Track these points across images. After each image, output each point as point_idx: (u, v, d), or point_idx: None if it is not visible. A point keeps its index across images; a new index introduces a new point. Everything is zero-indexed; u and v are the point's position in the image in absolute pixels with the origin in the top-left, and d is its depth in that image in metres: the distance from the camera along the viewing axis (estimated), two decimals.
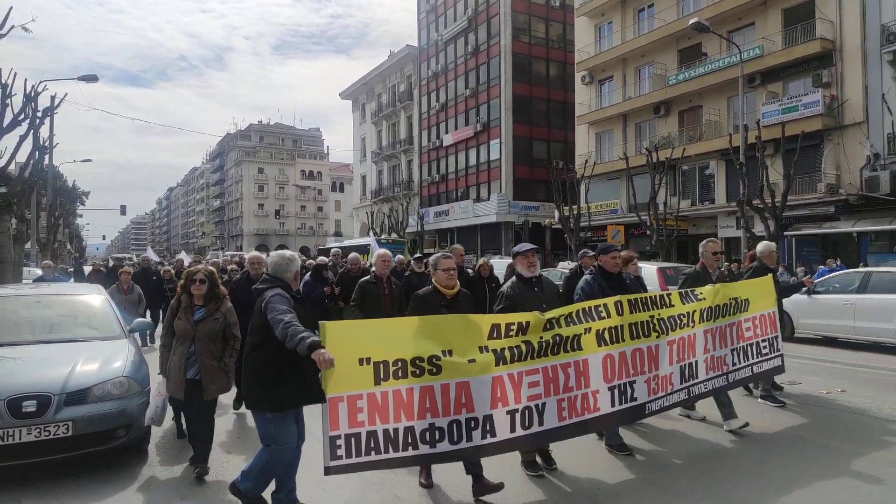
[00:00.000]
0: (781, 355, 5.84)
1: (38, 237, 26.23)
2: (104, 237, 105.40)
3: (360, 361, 3.41)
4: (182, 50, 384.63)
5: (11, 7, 12.70)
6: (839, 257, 19.23)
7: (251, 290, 5.80)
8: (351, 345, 3.41)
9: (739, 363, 5.35)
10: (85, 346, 5.11)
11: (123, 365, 4.82)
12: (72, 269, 21.67)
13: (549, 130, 39.05)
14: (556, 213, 30.17)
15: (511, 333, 3.90)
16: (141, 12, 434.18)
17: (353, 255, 9.68)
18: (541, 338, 3.98)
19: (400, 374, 3.49)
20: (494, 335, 3.85)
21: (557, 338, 4.05)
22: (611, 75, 31.80)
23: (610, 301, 4.45)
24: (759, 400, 6.67)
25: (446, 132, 43.12)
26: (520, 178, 37.96)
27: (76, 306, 6.08)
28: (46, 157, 21.69)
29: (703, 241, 6.35)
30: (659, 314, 4.67)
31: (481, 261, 8.56)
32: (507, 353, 3.83)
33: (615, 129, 31.45)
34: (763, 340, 5.61)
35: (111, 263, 17.63)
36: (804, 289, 10.00)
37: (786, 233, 21.14)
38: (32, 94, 15.21)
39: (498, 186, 38.15)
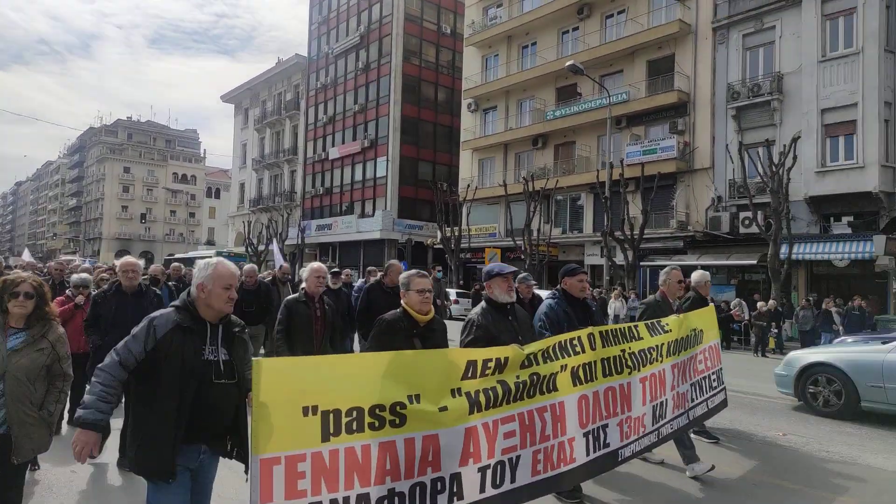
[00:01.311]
0: (724, 388, 5.50)
1: None
2: None
3: (305, 411, 2.61)
4: (43, 33, 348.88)
5: None
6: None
7: (118, 305, 5.21)
8: (294, 389, 2.62)
9: (697, 398, 4.92)
10: None
11: None
12: None
13: (435, 153, 39.94)
14: (439, 234, 30.85)
15: (487, 372, 3.23)
16: None
17: (250, 266, 9.07)
18: (517, 377, 3.35)
19: (355, 427, 2.72)
20: (470, 374, 3.16)
21: (535, 377, 3.42)
22: (495, 105, 33.26)
23: (584, 333, 3.85)
24: (693, 435, 6.03)
25: (333, 145, 42.70)
26: (405, 197, 38.39)
27: None
28: None
29: (666, 269, 5.92)
30: (630, 348, 4.16)
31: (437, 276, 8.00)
32: (481, 398, 3.15)
33: (497, 157, 32.85)
34: (713, 373, 5.26)
35: None
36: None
37: (641, 263, 23.16)
38: None
39: (383, 203, 38.30)
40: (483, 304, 3.91)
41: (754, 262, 20.75)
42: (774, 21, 22.45)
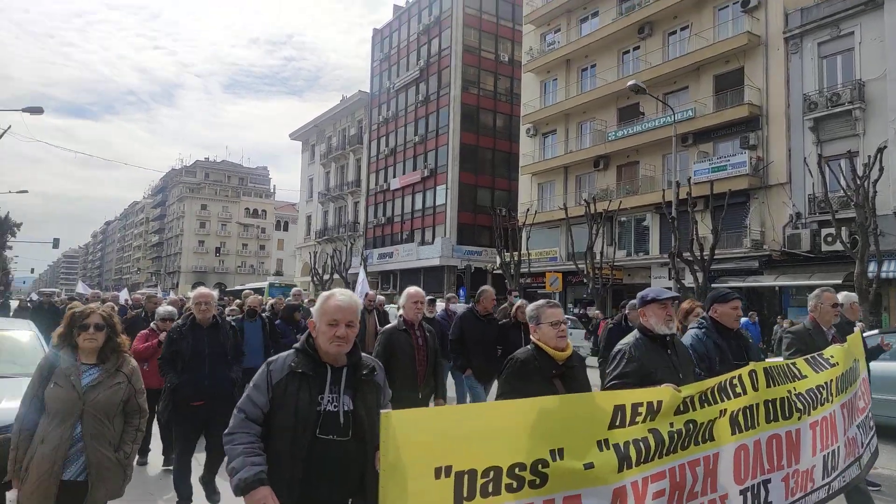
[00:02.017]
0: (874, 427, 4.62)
1: None
2: (33, 270, 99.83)
3: (438, 472, 2.24)
4: (132, 85, 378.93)
5: None
6: (762, 310, 19.90)
7: (195, 340, 4.85)
8: (426, 445, 2.25)
9: (864, 442, 4.08)
10: (11, 381, 4.65)
11: None
12: None
13: (493, 178, 39.75)
14: (498, 259, 30.35)
15: (638, 419, 2.74)
16: (92, 46, 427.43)
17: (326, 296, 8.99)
18: (671, 425, 2.84)
19: (491, 490, 2.33)
20: (618, 422, 2.68)
21: (690, 425, 2.90)
22: (554, 129, 32.81)
23: (744, 371, 3.23)
24: None
25: (394, 176, 43.32)
26: (464, 224, 38.25)
27: (4, 342, 5.91)
28: None
29: (817, 291, 4.98)
30: (796, 388, 3.46)
31: (519, 302, 7.16)
32: (632, 451, 2.67)
33: (557, 180, 32.23)
34: (869, 411, 4.42)
35: (37, 298, 16.57)
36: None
37: (713, 285, 21.76)
38: None
39: (442, 231, 38.27)
40: (636, 333, 3.38)
41: (839, 281, 19.00)
42: (853, 27, 21.09)
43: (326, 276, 38.89)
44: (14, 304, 24.45)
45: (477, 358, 6.64)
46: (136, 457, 4.62)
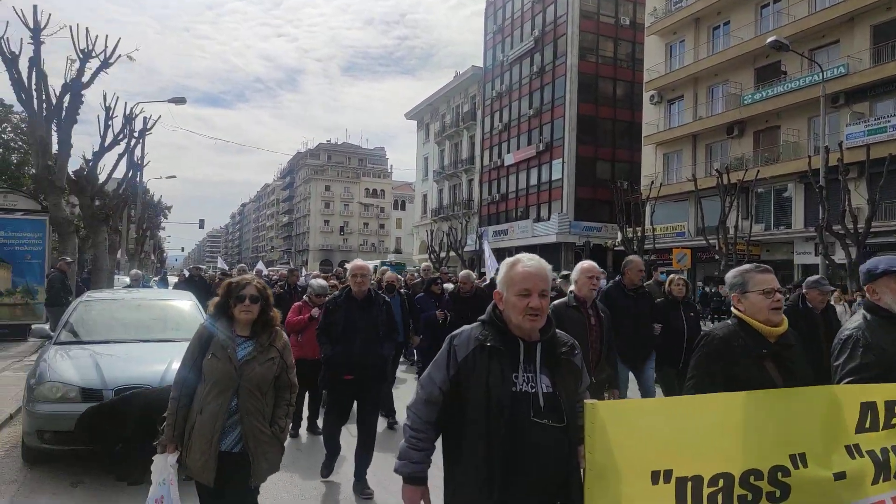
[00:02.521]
0: None
1: (128, 247, 27.76)
2: (183, 249, 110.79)
3: (655, 477, 1.92)
4: (258, 73, 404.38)
5: (120, 38, 13.86)
6: None
7: (348, 313, 4.78)
8: (640, 444, 1.93)
9: None
10: (178, 346, 5.25)
11: None
12: (157, 279, 22.79)
13: (614, 150, 38.15)
14: (619, 235, 29.23)
15: (894, 420, 2.27)
16: (224, 37, 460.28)
17: (465, 272, 8.45)
18: None
19: (720, 501, 1.97)
20: (868, 424, 2.22)
21: None
22: (681, 94, 30.76)
23: None
24: None
25: (508, 152, 42.91)
26: (582, 199, 37.16)
27: (170, 310, 6.88)
28: (138, 174, 23.09)
29: None
30: None
31: (672, 276, 6.51)
32: (892, 459, 2.21)
33: (684, 150, 30.30)
34: None
35: (188, 273, 18.45)
36: None
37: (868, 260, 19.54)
38: (132, 116, 16.39)
39: (559, 206, 37.45)
40: (864, 314, 2.74)
41: None
42: None
43: (443, 254, 39.56)
44: (172, 279, 27.32)
45: (627, 338, 5.75)
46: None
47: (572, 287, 4.56)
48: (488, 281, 9.14)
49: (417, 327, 7.29)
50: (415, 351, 9.61)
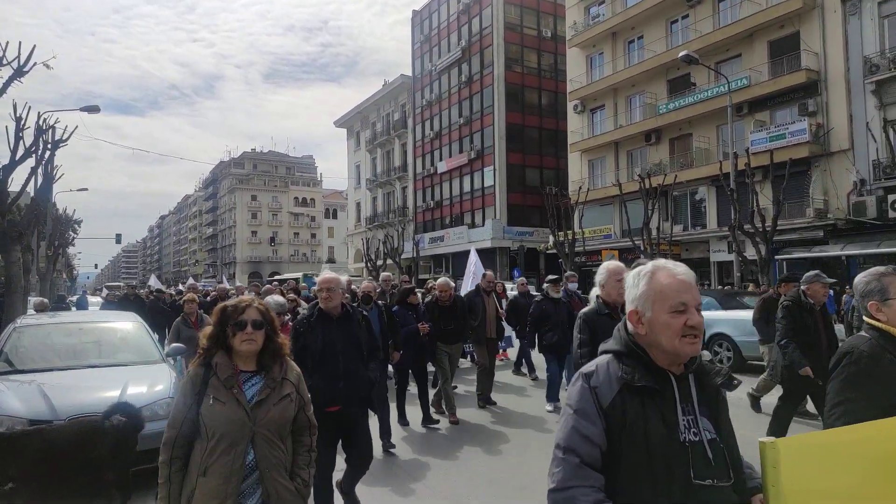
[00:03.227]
0: None
1: (38, 267, 26.33)
2: (96, 266, 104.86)
3: None
4: (173, 79, 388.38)
5: (35, 45, 13.19)
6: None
7: (324, 334, 4.10)
8: (834, 490, 1.55)
9: None
10: (129, 369, 5.39)
11: (167, 387, 5.11)
12: (74, 298, 21.77)
13: (541, 157, 39.77)
14: (551, 239, 30.64)
15: None
16: (133, 42, 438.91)
17: (443, 279, 8.02)
18: None
19: None
20: None
21: None
22: (602, 104, 32.60)
23: None
24: None
25: (440, 159, 43.77)
26: (513, 205, 38.51)
27: (115, 333, 6.57)
28: (51, 188, 21.98)
29: None
30: None
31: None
32: None
33: (607, 156, 32.13)
34: None
35: (125, 291, 17.83)
36: None
37: (777, 256, 21.63)
38: (44, 127, 15.65)
39: (492, 212, 38.66)
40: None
41: None
42: None
43: (380, 262, 39.90)
44: (93, 298, 25.91)
45: None
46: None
47: (597, 291, 4.06)
48: (471, 287, 9.20)
49: (398, 341, 6.63)
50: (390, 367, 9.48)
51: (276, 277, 36.96)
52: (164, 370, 5.52)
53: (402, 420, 7.24)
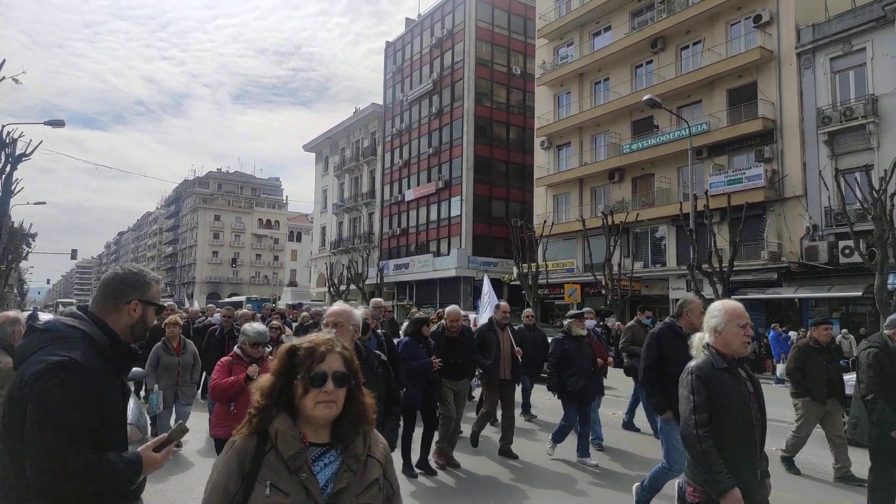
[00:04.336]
0: None
1: None
2: (48, 281, 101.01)
3: None
4: (140, 95, 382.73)
5: (4, 60, 12.87)
6: (781, 322, 20.25)
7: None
8: None
9: None
10: None
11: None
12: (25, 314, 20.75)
13: (508, 190, 40.24)
14: (515, 270, 30.81)
15: None
16: (103, 56, 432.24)
17: (452, 307, 7.10)
18: None
19: None
20: None
21: None
22: (568, 141, 33.30)
23: None
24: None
25: (408, 188, 43.89)
26: (479, 235, 38.74)
27: None
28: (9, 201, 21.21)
29: None
30: None
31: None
32: None
33: (572, 192, 32.69)
34: None
35: (63, 309, 17.02)
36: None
37: (732, 297, 22.13)
38: (8, 140, 15.31)
39: (458, 242, 38.76)
40: None
41: (859, 293, 19.43)
42: (864, 43, 21.51)
43: (343, 287, 39.45)
44: (45, 315, 24.78)
45: None
46: None
47: (707, 338, 3.04)
48: (485, 320, 8.13)
49: (401, 379, 5.42)
50: None
51: (225, 300, 36.05)
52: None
53: (408, 471, 6.31)
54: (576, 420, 7.05)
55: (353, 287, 38.86)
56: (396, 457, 5.47)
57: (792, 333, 18.39)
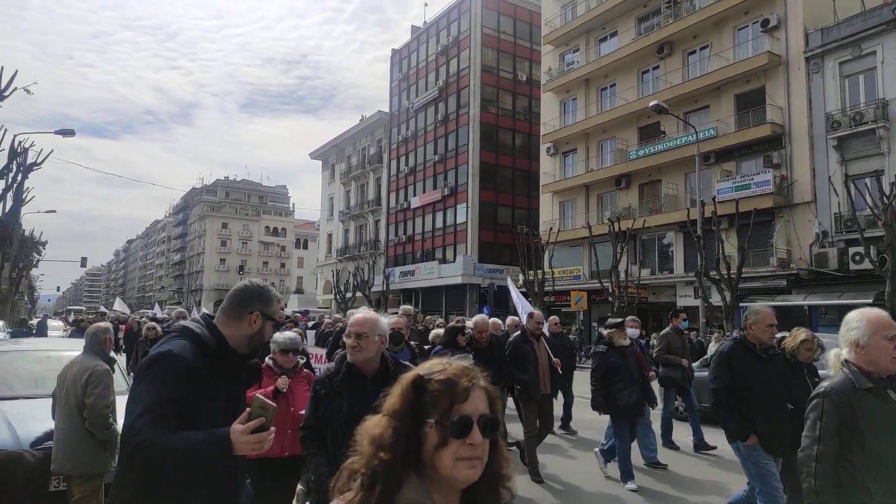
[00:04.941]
0: None
1: (0, 289, 25.28)
2: (58, 288, 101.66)
3: None
4: (149, 105, 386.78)
5: (17, 71, 12.95)
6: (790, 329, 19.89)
7: (354, 398, 2.77)
8: None
9: None
10: None
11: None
12: (35, 321, 20.82)
13: (514, 197, 40.08)
14: (521, 277, 30.58)
15: None
16: (111, 67, 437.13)
17: (480, 316, 6.91)
18: None
19: None
20: None
21: None
22: (574, 148, 33.11)
23: None
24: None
25: (414, 195, 43.83)
26: (485, 242, 38.56)
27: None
28: (21, 209, 21.32)
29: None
30: None
31: (800, 333, 5.11)
32: None
33: (578, 199, 32.48)
34: None
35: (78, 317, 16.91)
36: None
37: (741, 304, 21.81)
38: (19, 150, 15.42)
39: (464, 249, 38.61)
40: None
41: (870, 301, 19.02)
42: (874, 47, 21.24)
43: (349, 294, 39.35)
44: (55, 323, 24.64)
45: (766, 417, 4.42)
46: None
47: (845, 354, 2.63)
48: (519, 329, 7.61)
49: None
50: None
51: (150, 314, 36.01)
52: (121, 403, 5.11)
53: None
54: (628, 441, 6.55)
55: (359, 294, 38.76)
56: None
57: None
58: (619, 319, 7.00)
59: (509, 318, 10.31)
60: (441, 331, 7.08)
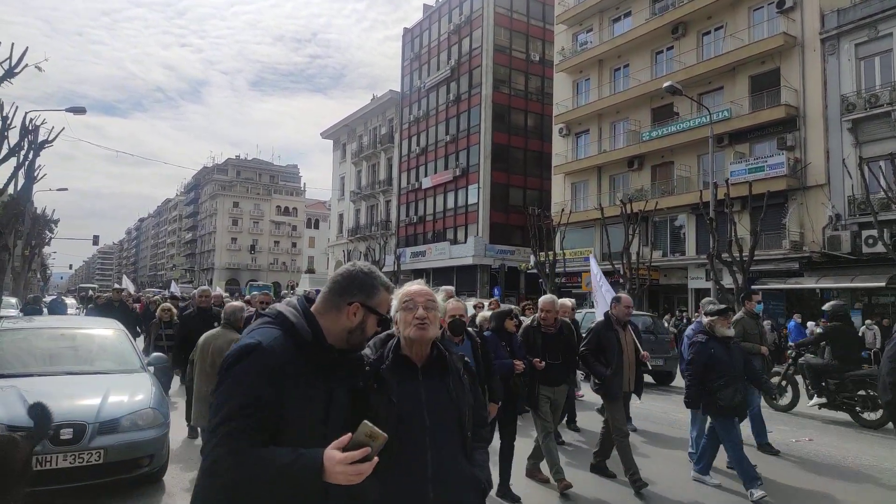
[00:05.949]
0: None
1: (13, 266, 25.81)
2: (70, 266, 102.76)
3: None
4: (159, 82, 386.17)
5: (27, 48, 13.06)
6: (802, 312, 20.13)
7: (407, 396, 2.05)
8: None
9: None
10: (110, 378, 5.33)
11: (148, 397, 5.04)
12: (49, 299, 21.28)
13: (525, 178, 40.16)
14: (532, 258, 30.83)
15: None
16: (121, 44, 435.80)
17: (548, 297, 5.82)
18: None
19: None
20: None
21: None
22: (587, 129, 33.09)
23: None
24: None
25: (426, 175, 43.98)
26: (496, 223, 38.77)
27: (96, 340, 6.38)
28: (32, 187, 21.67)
29: None
30: None
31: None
32: None
33: (590, 180, 32.55)
34: None
35: (90, 294, 17.35)
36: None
37: (753, 286, 22.01)
38: (30, 127, 15.51)
39: (475, 230, 38.85)
40: None
41: (883, 283, 19.23)
42: (891, 28, 21.08)
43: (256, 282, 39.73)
44: (70, 300, 25.17)
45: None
46: None
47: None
48: (601, 315, 6.93)
49: (496, 391, 4.51)
50: None
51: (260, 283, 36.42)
52: (144, 380, 5.43)
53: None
54: (716, 442, 5.87)
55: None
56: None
57: (810, 324, 18.27)
58: (723, 306, 6.01)
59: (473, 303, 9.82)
60: (489, 313, 6.44)
